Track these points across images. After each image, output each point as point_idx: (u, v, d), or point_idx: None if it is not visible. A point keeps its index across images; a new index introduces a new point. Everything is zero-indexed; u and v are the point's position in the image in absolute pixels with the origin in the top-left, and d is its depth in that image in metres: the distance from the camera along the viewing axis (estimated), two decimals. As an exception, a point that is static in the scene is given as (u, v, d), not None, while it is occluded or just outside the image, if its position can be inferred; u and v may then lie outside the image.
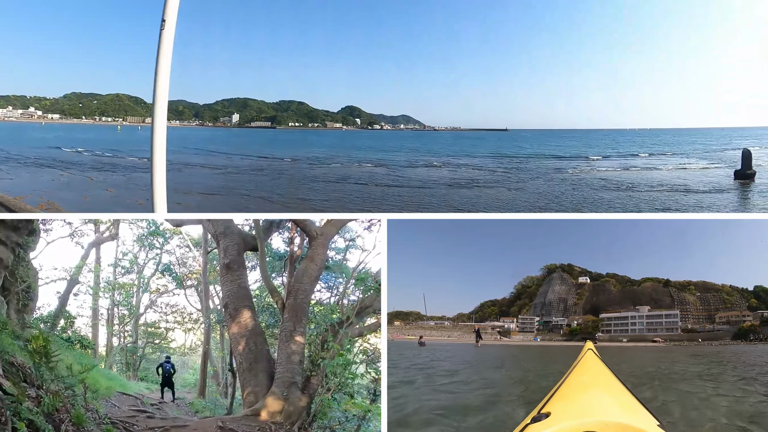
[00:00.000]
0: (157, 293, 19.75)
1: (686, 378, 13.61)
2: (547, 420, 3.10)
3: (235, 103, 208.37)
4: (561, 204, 32.94)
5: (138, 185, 39.17)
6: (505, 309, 57.35)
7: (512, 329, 53.42)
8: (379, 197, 36.27)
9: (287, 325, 11.11)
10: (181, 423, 9.93)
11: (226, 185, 40.92)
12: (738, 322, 41.65)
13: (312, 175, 50.32)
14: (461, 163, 62.61)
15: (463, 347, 30.81)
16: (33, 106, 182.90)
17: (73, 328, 15.88)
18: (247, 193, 36.53)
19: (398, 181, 45.55)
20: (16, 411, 6.17)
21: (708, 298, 45.87)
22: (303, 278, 11.57)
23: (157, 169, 6.75)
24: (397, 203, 33.09)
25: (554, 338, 50.18)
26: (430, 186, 41.54)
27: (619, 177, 47.64)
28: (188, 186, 39.30)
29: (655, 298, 50.75)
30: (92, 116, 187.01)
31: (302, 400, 10.49)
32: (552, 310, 56.49)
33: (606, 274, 56.85)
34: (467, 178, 46.99)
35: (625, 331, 47.55)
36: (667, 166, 56.69)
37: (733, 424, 7.35)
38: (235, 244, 12.13)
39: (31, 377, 7.72)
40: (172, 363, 15.62)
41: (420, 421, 7.62)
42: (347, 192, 38.38)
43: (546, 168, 57.25)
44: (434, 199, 34.75)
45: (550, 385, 5.55)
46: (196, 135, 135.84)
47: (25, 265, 14.17)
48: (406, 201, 33.90)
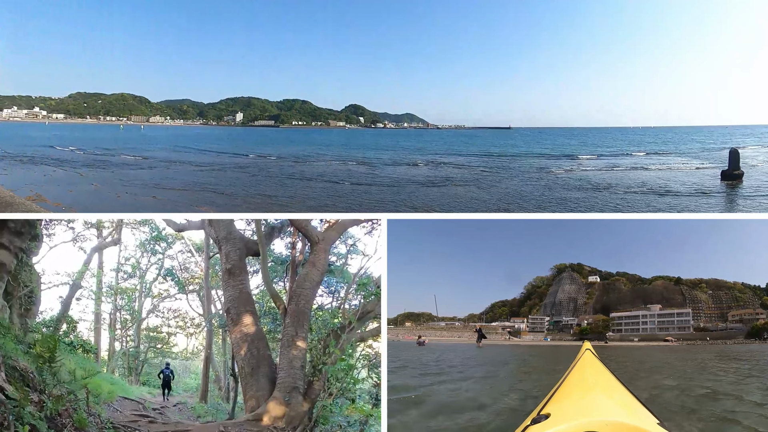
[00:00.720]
0: (159, 298, 19.97)
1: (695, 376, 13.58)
2: (547, 421, 3.12)
3: (239, 102, 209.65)
4: (523, 204, 32.46)
5: (122, 180, 41.13)
6: (515, 309, 57.41)
7: (522, 329, 53.42)
8: (347, 194, 36.38)
9: (289, 330, 11.22)
10: (183, 428, 10.05)
11: (194, 181, 42.22)
12: (751, 320, 41.41)
13: (290, 172, 50.63)
14: (445, 162, 62.31)
15: (463, 347, 30.76)
16: (38, 106, 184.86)
17: (76, 332, 16.12)
18: (220, 190, 37.16)
19: (371, 179, 45.41)
20: (18, 415, 6.25)
21: (720, 296, 45.52)
22: (305, 283, 11.68)
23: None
24: (357, 200, 32.93)
25: (564, 338, 50.18)
26: (402, 185, 41.27)
27: (599, 177, 47.04)
28: (167, 182, 41.06)
29: (667, 296, 50.40)
30: (96, 115, 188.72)
31: (304, 405, 10.58)
32: (562, 309, 55.99)
33: (616, 273, 56.58)
34: (443, 177, 46.79)
35: (636, 330, 47.38)
36: (656, 166, 55.84)
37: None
38: (236, 248, 12.25)
39: (34, 381, 7.82)
40: (171, 369, 16.59)
41: (420, 425, 7.70)
42: (315, 189, 38.30)
43: (529, 167, 56.91)
44: (399, 197, 34.42)
45: (551, 383, 5.60)
46: (194, 133, 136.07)
47: (27, 269, 14.36)
48: (368, 198, 33.77)
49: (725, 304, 44.21)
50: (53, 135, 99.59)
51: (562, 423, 3.02)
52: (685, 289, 48.44)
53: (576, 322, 51.72)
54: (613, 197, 33.99)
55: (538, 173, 50.85)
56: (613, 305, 50.74)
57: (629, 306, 49.21)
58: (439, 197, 34.61)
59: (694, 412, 8.19)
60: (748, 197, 33.76)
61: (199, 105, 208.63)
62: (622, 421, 2.90)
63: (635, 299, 49.91)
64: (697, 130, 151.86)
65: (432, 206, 30.34)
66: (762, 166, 51.71)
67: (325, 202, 31.91)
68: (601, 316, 50.71)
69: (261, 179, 45.00)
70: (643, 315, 47.27)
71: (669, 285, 50.16)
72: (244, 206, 29.91)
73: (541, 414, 3.37)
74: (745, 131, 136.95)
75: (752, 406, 8.55)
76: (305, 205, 29.94)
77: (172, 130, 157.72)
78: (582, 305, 53.37)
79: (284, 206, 30.25)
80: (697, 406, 8.76)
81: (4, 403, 6.17)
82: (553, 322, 53.41)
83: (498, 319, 55.52)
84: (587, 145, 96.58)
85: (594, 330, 48.74)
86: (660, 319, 46.16)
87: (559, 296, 55.42)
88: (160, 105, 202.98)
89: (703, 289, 46.99)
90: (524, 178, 46.68)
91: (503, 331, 52.45)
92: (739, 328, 41.13)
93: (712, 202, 32.21)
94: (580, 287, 55.26)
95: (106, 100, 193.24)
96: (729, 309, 43.57)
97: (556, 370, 14.39)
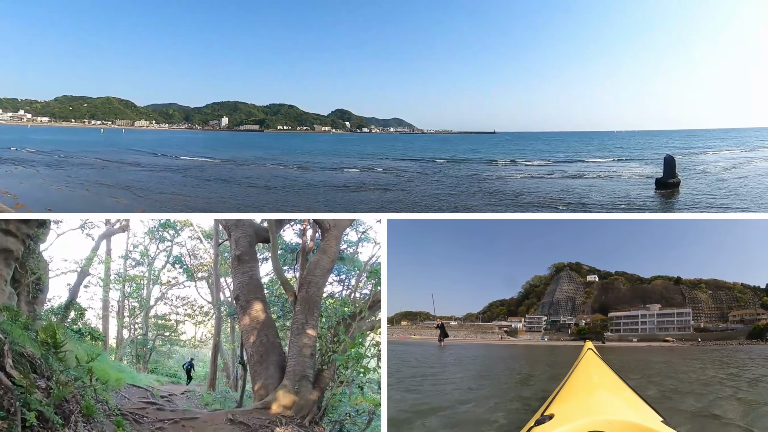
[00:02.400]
0: (167, 285, 19.72)
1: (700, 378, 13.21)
2: (552, 422, 3.03)
3: (226, 107, 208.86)
4: (430, 206, 31.52)
5: (71, 177, 43.68)
6: (513, 308, 56.75)
7: (519, 329, 52.19)
8: (252, 196, 36.12)
9: (299, 318, 10.92)
10: (190, 415, 9.78)
11: (124, 178, 43.72)
12: (753, 320, 40.56)
13: (219, 174, 50.06)
14: (380, 167, 60.72)
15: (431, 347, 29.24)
16: (24, 109, 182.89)
17: (84, 319, 15.85)
18: (137, 187, 37.89)
19: (284, 182, 44.41)
20: (25, 402, 6.03)
21: (720, 296, 44.73)
22: (315, 270, 11.37)
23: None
24: (243, 202, 32.87)
25: (562, 338, 49.50)
26: (311, 188, 39.75)
27: (518, 184, 43.58)
28: (105, 179, 42.78)
29: (666, 296, 49.62)
30: (81, 119, 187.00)
31: (313, 393, 10.31)
32: (560, 309, 54.72)
33: (615, 272, 55.87)
34: (359, 182, 45.46)
35: (635, 330, 46.67)
36: (596, 173, 50.53)
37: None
38: (246, 235, 11.96)
39: (41, 368, 7.57)
40: (192, 363, 17.55)
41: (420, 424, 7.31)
42: (225, 192, 37.91)
43: (462, 172, 54.73)
44: (302, 200, 33.86)
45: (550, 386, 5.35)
46: (167, 138, 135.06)
47: (35, 257, 14.10)
48: (256, 200, 33.68)
49: (725, 305, 43.54)
50: (22, 138, 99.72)
51: (566, 423, 2.94)
52: (684, 288, 47.76)
53: (574, 322, 51.05)
54: (518, 204, 32.13)
55: (464, 179, 47.34)
56: (611, 305, 50.04)
57: (628, 306, 48.50)
58: (335, 200, 34.04)
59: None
60: (679, 209, 30.76)
61: (186, 109, 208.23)
62: (627, 420, 2.82)
63: (634, 299, 49.13)
64: (685, 134, 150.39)
65: (317, 208, 29.97)
66: (716, 172, 48.67)
67: (213, 202, 32.04)
68: (599, 316, 50.10)
69: (185, 180, 45.30)
70: (642, 315, 46.47)
71: (668, 284, 49.45)
72: (148, 202, 30.83)
73: (545, 415, 3.25)
74: (728, 134, 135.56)
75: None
76: (187, 206, 30.14)
77: (150, 135, 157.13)
78: (580, 305, 52.67)
79: (280, 207, 30.46)
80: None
81: (11, 390, 5.93)
82: (550, 322, 52.68)
83: (496, 318, 55.00)
84: (548, 150, 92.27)
85: (592, 330, 48.06)
86: (660, 319, 45.41)
87: (557, 295, 54.77)
88: (146, 109, 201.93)
89: (703, 290, 46.37)
90: (441, 183, 44.46)
91: (499, 331, 51.82)
92: (740, 329, 40.44)
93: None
94: (579, 286, 54.49)
95: (92, 103, 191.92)
96: (729, 309, 42.87)
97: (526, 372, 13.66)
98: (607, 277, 54.98)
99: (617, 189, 37.89)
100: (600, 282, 54.54)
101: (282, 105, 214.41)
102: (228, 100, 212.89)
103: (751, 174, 46.53)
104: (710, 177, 44.44)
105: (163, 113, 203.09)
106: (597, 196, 34.48)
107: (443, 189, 40.13)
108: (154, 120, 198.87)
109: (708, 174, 47.17)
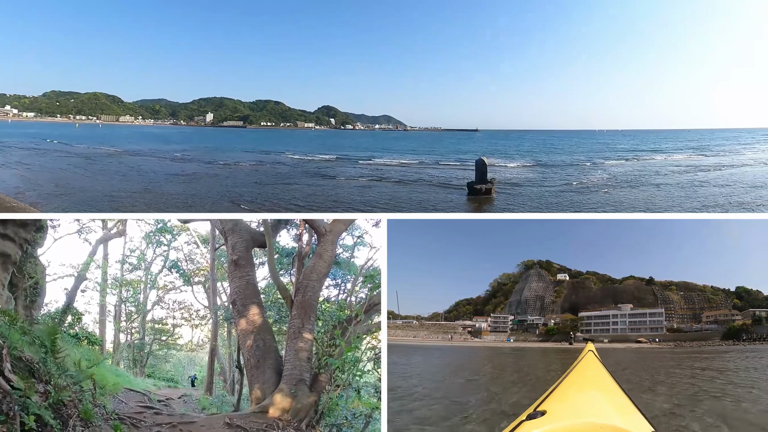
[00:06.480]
0: (164, 290, 19.26)
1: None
2: (543, 418, 2.93)
3: (212, 103, 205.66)
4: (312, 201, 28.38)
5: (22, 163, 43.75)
6: (480, 307, 52.32)
7: (483, 329, 48.14)
8: (177, 192, 32.94)
9: (295, 322, 10.69)
10: (188, 419, 9.50)
11: (59, 168, 42.50)
12: (727, 320, 39.73)
13: (158, 168, 46.18)
14: (321, 160, 56.05)
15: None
16: (11, 105, 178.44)
17: (81, 324, 15.38)
18: (73, 178, 35.57)
19: (228, 178, 40.01)
20: (24, 405, 5.85)
21: (692, 297, 43.76)
22: (311, 275, 11.15)
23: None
24: (176, 199, 29.45)
25: (529, 338, 46.01)
26: (237, 185, 36.26)
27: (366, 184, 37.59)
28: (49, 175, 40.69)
29: (638, 296, 48.08)
30: (68, 114, 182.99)
31: (310, 397, 10.06)
32: (528, 308, 50.86)
33: (586, 271, 53.75)
34: (276, 173, 42.42)
35: (606, 331, 44.87)
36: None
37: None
38: (243, 240, 11.70)
39: (39, 372, 7.31)
40: (195, 376, 18.39)
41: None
42: (161, 188, 34.79)
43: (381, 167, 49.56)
44: (227, 197, 30.48)
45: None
46: (143, 132, 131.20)
47: (32, 261, 13.70)
48: (184, 197, 30.49)
49: (698, 306, 42.80)
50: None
51: (557, 421, 2.87)
52: (656, 289, 46.96)
53: (542, 322, 48.59)
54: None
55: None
56: (582, 304, 48.20)
57: (599, 305, 46.79)
58: (246, 194, 30.84)
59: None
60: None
61: (173, 105, 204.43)
62: (614, 425, 2.69)
63: (605, 298, 47.56)
64: (671, 134, 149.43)
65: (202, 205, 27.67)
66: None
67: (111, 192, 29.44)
68: (569, 315, 48.11)
69: (124, 171, 42.61)
70: (614, 314, 45.05)
71: (640, 285, 47.80)
72: (69, 195, 28.49)
73: (537, 410, 3.16)
74: (712, 135, 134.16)
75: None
76: (86, 195, 28.11)
77: (128, 129, 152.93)
78: (549, 304, 50.34)
79: (276, 207, 28.49)
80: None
81: (9, 393, 5.78)
82: (517, 322, 49.48)
83: (462, 317, 51.48)
84: (502, 148, 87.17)
85: (561, 330, 46.02)
86: (631, 319, 44.11)
87: (525, 294, 51.89)
88: (134, 105, 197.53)
89: (674, 291, 45.70)
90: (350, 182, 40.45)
91: (463, 331, 48.42)
92: (714, 330, 39.74)
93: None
94: (548, 285, 52.06)
95: (79, 99, 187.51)
96: (702, 310, 42.05)
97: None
98: (578, 276, 52.86)
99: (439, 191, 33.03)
100: (570, 281, 52.18)
101: (268, 101, 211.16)
102: (215, 96, 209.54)
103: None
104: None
105: (150, 109, 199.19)
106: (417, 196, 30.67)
107: (315, 187, 34.87)
108: (141, 116, 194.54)
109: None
